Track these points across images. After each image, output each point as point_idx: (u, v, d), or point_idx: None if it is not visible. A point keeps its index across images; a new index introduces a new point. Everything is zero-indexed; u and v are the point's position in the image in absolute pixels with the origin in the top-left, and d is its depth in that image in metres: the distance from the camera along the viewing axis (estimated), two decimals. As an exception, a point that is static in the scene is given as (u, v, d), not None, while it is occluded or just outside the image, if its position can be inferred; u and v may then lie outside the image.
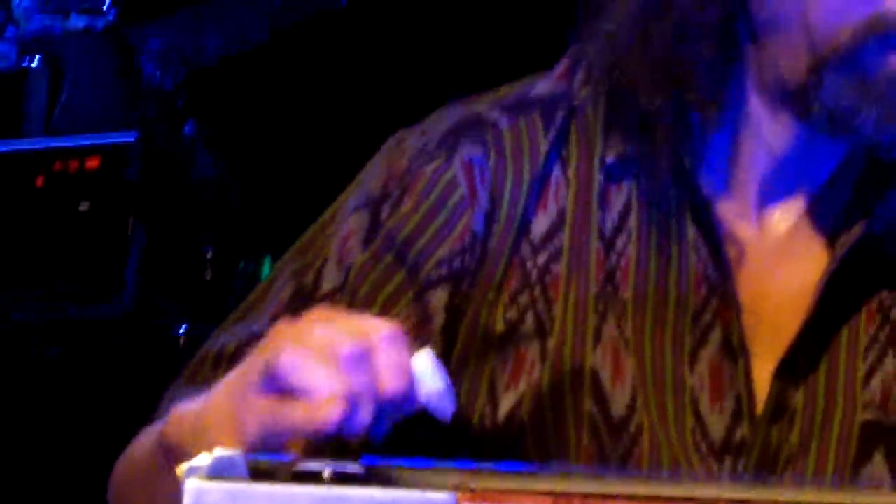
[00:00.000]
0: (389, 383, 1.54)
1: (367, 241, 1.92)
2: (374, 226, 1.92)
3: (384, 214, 1.92)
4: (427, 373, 1.60)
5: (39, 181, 3.41)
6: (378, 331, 1.55)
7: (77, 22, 3.70)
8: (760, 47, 1.92)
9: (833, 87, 1.85)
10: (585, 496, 1.33)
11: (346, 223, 1.94)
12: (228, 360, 1.87)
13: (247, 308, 1.97)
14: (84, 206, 3.38)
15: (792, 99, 1.90)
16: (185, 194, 3.53)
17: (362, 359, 1.54)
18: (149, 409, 1.96)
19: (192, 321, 3.36)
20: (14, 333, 3.46)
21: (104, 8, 3.72)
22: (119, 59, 3.66)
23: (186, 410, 1.64)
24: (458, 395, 1.65)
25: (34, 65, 3.65)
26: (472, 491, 1.34)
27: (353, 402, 1.52)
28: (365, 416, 1.53)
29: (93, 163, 3.39)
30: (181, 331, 3.41)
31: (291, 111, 4.20)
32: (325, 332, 1.55)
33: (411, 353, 1.59)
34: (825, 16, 1.85)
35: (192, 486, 1.33)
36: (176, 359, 2.02)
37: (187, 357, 2.06)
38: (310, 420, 1.51)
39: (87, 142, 3.45)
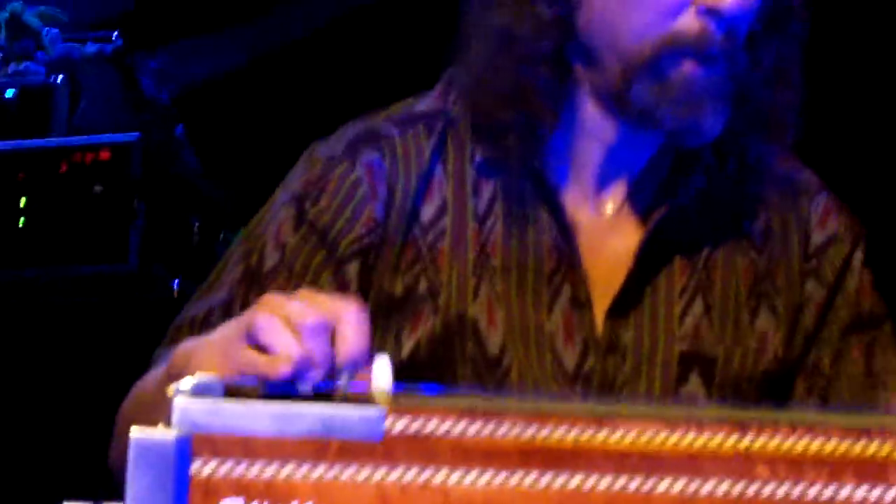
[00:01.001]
0: (346, 349, 1.53)
1: (295, 228, 1.90)
2: (300, 216, 1.91)
3: (307, 207, 1.91)
4: (382, 373, 1.55)
5: (63, 168, 3.41)
6: (345, 309, 1.54)
7: (91, 48, 3.71)
8: (587, 66, 1.91)
9: (640, 90, 1.85)
10: (485, 412, 1.36)
11: (278, 216, 1.92)
12: (199, 325, 1.89)
13: (209, 284, 1.95)
14: (98, 189, 3.39)
15: (613, 102, 1.89)
16: (176, 180, 3.55)
17: (323, 329, 1.52)
18: (150, 346, 1.96)
19: (182, 277, 3.37)
20: (42, 287, 3.45)
21: (113, 37, 3.72)
22: (124, 77, 3.67)
23: (188, 347, 1.65)
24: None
25: (58, 81, 3.63)
26: (397, 407, 1.36)
27: (304, 363, 1.50)
28: (315, 375, 1.52)
29: (104, 155, 3.41)
30: (175, 285, 3.42)
31: (259, 119, 4.25)
32: (299, 305, 1.55)
33: (368, 328, 1.57)
34: (631, 37, 1.85)
35: (179, 402, 1.34)
36: (170, 307, 2.07)
37: (180, 305, 2.05)
38: (267, 369, 1.50)
39: (100, 140, 3.45)
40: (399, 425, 1.36)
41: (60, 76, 3.67)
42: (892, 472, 1.38)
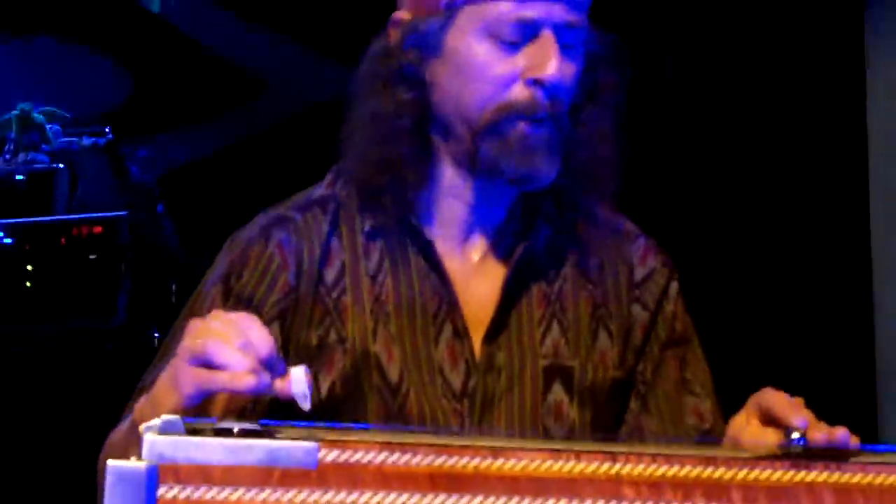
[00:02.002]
0: (263, 349, 1.52)
1: (225, 300, 1.87)
2: (227, 291, 1.88)
3: (233, 283, 1.88)
4: (298, 378, 1.57)
5: (63, 241, 3.42)
6: (244, 319, 1.55)
7: (87, 141, 3.72)
8: (443, 136, 1.89)
9: (486, 149, 1.84)
10: (402, 444, 1.36)
11: (210, 292, 1.89)
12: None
13: (161, 354, 1.90)
14: (92, 257, 3.40)
15: (466, 163, 1.88)
16: (157, 249, 3.55)
17: (247, 345, 1.52)
18: (134, 386, 1.90)
19: (162, 331, 3.30)
20: (45, 339, 3.45)
21: (106, 132, 3.74)
22: (115, 165, 3.69)
23: (145, 400, 1.62)
24: None
25: (60, 168, 3.65)
26: (329, 441, 1.36)
27: (258, 372, 1.51)
28: (265, 381, 1.51)
29: (97, 230, 3.42)
30: (156, 336, 3.41)
31: (227, 196, 4.09)
32: (219, 323, 1.54)
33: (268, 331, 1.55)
34: (474, 108, 1.84)
35: (147, 438, 1.34)
36: (152, 355, 2.06)
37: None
38: (232, 384, 1.50)
39: (94, 217, 3.47)
40: (331, 456, 1.36)
41: (61, 164, 3.69)
42: (734, 491, 1.41)
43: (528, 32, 1.82)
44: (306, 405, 1.57)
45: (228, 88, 4.56)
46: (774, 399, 1.66)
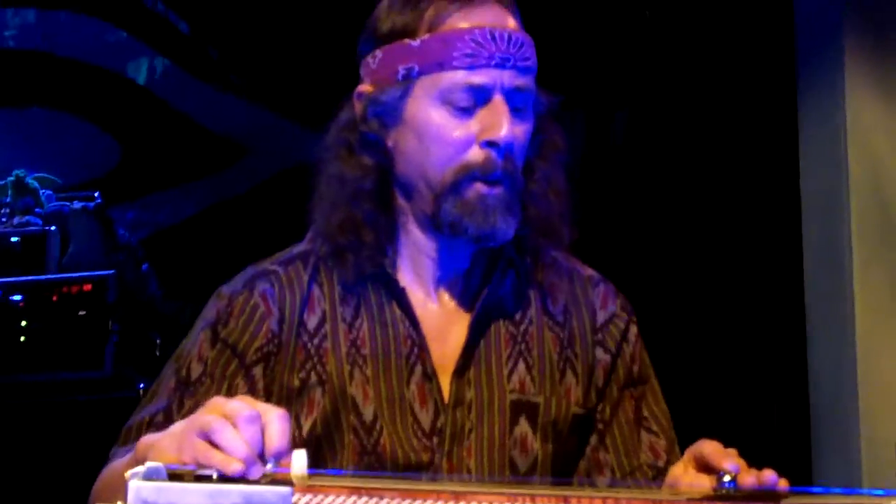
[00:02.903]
0: (273, 442, 1.50)
1: (212, 346, 1.88)
2: (214, 337, 1.88)
3: (219, 330, 1.88)
4: (299, 461, 1.50)
5: (55, 298, 3.43)
6: (273, 411, 1.51)
7: (78, 205, 3.72)
8: (406, 197, 1.91)
9: (447, 209, 1.86)
10: (369, 490, 1.37)
11: (198, 339, 1.89)
12: (146, 427, 1.84)
13: (150, 395, 1.90)
14: (82, 313, 3.41)
15: (429, 222, 1.89)
16: (142, 305, 3.56)
17: (256, 420, 1.49)
18: (118, 434, 1.90)
19: (147, 381, 3.25)
20: (38, 388, 3.44)
21: (95, 196, 3.74)
22: (103, 227, 3.69)
23: (150, 440, 1.59)
24: None
25: (52, 230, 3.65)
26: (301, 486, 1.37)
27: (250, 460, 1.48)
28: (257, 471, 1.48)
29: (87, 287, 3.42)
30: (141, 387, 3.37)
31: (208, 254, 4.24)
32: (238, 403, 1.52)
33: (289, 427, 1.52)
34: (434, 170, 1.86)
35: (133, 485, 1.35)
36: (136, 404, 2.04)
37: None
38: (222, 466, 1.47)
39: (83, 275, 3.47)
40: (304, 500, 1.38)
41: (53, 227, 3.70)
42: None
43: (480, 98, 1.85)
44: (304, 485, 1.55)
45: (209, 155, 4.57)
46: (708, 447, 1.69)
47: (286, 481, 1.40)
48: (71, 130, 4.47)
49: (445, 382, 1.89)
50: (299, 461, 1.47)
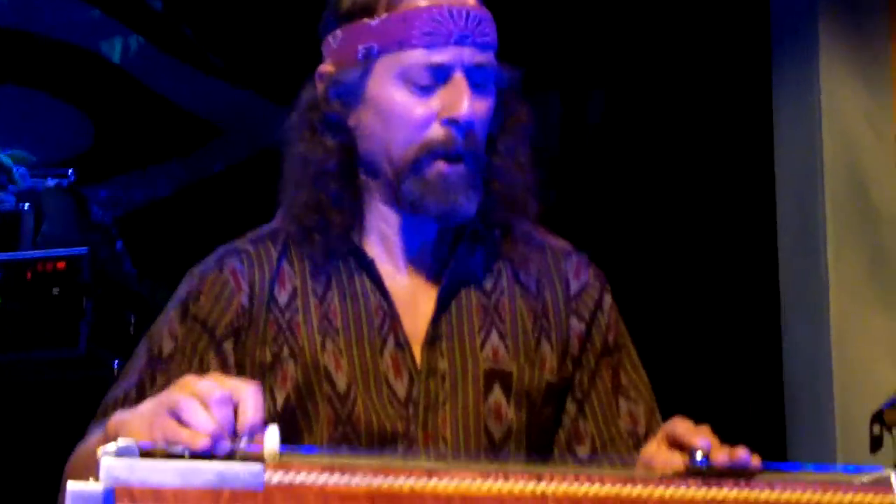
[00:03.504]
0: (246, 419, 1.50)
1: (182, 322, 1.89)
2: (184, 313, 1.89)
3: (190, 306, 1.89)
4: (272, 436, 1.49)
5: (28, 276, 3.39)
6: (245, 388, 1.52)
7: (52, 182, 3.68)
8: (370, 175, 1.92)
9: (408, 187, 1.87)
10: (342, 466, 1.37)
11: (169, 316, 1.90)
12: (121, 403, 1.84)
13: (125, 372, 1.91)
14: (56, 291, 3.38)
15: (393, 200, 1.90)
16: (116, 285, 3.53)
17: (228, 401, 1.50)
18: (93, 414, 1.90)
19: (122, 360, 3.25)
20: (11, 367, 3.42)
21: (69, 174, 3.70)
22: (77, 205, 3.66)
23: (120, 418, 1.60)
24: None
25: (25, 208, 3.61)
26: (273, 463, 1.37)
27: (218, 436, 1.48)
28: (225, 445, 1.48)
29: (61, 265, 3.39)
30: (115, 365, 3.35)
31: (183, 234, 4.21)
32: (208, 383, 1.52)
33: (262, 403, 1.52)
34: (395, 149, 1.87)
35: (104, 462, 1.35)
36: (112, 383, 2.06)
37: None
38: (189, 441, 1.47)
39: (57, 253, 3.43)
40: (276, 477, 1.36)
41: (27, 204, 3.65)
42: (649, 507, 1.43)
43: (440, 76, 1.85)
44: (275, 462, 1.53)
45: (184, 134, 4.55)
46: (680, 425, 1.68)
47: (258, 458, 1.39)
48: (45, 108, 4.45)
49: (419, 352, 1.90)
50: (272, 438, 1.46)
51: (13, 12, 4.46)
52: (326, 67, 1.91)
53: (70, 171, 3.76)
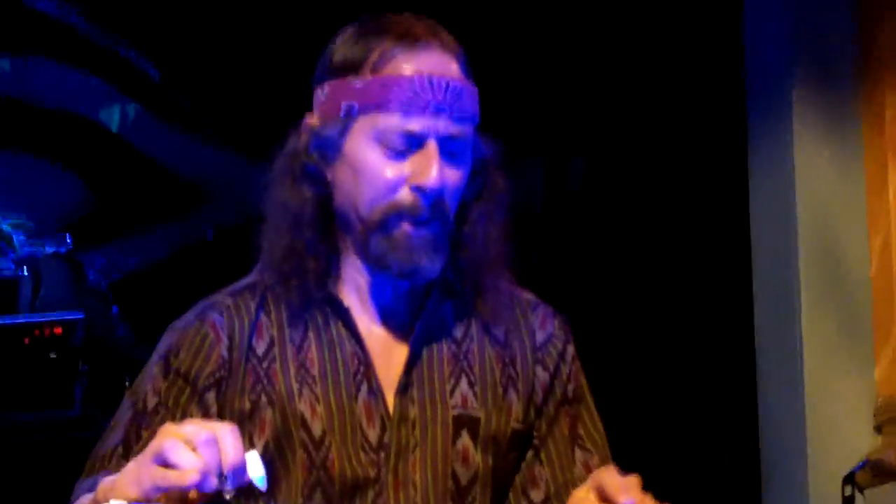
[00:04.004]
0: (229, 458, 1.55)
1: (165, 377, 1.90)
2: (167, 367, 1.90)
3: (171, 361, 1.90)
4: (254, 463, 1.58)
5: (26, 340, 3.45)
6: (224, 429, 1.56)
7: (49, 249, 3.76)
8: (342, 228, 1.93)
9: (375, 244, 1.88)
10: None
11: (152, 372, 1.92)
12: (108, 459, 1.87)
13: (110, 428, 1.93)
14: (53, 355, 3.43)
15: (362, 254, 1.92)
16: (111, 348, 3.58)
17: (213, 442, 1.54)
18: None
19: None
20: (10, 427, 3.47)
21: (66, 241, 3.77)
22: (73, 272, 3.72)
23: (110, 480, 1.62)
24: None
25: (24, 274, 3.68)
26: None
27: (205, 473, 1.53)
28: (213, 482, 1.54)
29: (57, 330, 3.45)
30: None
31: (174, 296, 4.37)
32: (191, 427, 1.56)
33: (243, 443, 1.58)
34: (365, 206, 1.88)
35: None
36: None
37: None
38: (179, 481, 1.52)
39: (54, 317, 3.50)
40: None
41: (26, 270, 3.72)
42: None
43: (413, 143, 1.87)
44: (263, 487, 1.58)
45: (178, 199, 4.59)
46: (609, 478, 1.70)
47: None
48: (44, 175, 4.49)
49: (391, 400, 1.91)
50: (254, 465, 1.53)
51: (16, 81, 4.51)
52: (312, 119, 1.93)
53: (67, 238, 3.84)
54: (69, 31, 4.51)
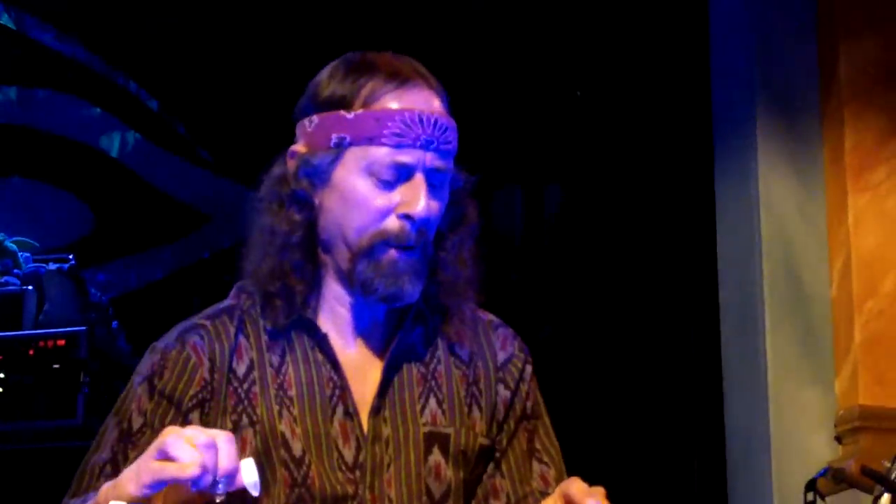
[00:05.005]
0: (224, 463, 1.59)
1: (150, 397, 1.90)
2: (151, 389, 1.90)
3: (155, 382, 1.90)
4: (249, 469, 1.61)
5: (31, 352, 3.45)
6: (221, 436, 1.61)
7: (53, 266, 3.75)
8: (327, 253, 1.94)
9: (361, 268, 1.90)
10: None
11: (136, 392, 1.92)
12: (98, 476, 1.87)
13: (96, 446, 1.92)
14: (56, 366, 3.43)
15: (346, 279, 1.93)
16: (111, 361, 3.56)
17: (212, 445, 1.58)
18: None
19: None
20: (14, 436, 3.47)
21: (69, 258, 3.77)
22: (76, 287, 3.71)
23: (110, 483, 1.65)
24: None
25: (29, 290, 3.68)
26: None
27: (203, 468, 1.56)
28: (209, 479, 1.57)
29: (61, 342, 3.44)
30: None
31: (174, 317, 4.38)
32: (192, 430, 1.61)
33: (238, 451, 1.62)
34: (353, 233, 1.91)
35: None
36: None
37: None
38: (179, 473, 1.55)
39: (57, 332, 3.49)
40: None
41: (30, 286, 3.72)
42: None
43: (402, 174, 1.90)
44: (255, 492, 1.61)
45: (175, 222, 4.58)
46: (575, 487, 1.74)
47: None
48: (48, 198, 4.49)
49: (365, 420, 1.93)
50: (249, 471, 1.56)
51: (21, 111, 4.52)
52: (300, 147, 1.94)
53: (71, 256, 3.82)
54: (72, 63, 4.54)
